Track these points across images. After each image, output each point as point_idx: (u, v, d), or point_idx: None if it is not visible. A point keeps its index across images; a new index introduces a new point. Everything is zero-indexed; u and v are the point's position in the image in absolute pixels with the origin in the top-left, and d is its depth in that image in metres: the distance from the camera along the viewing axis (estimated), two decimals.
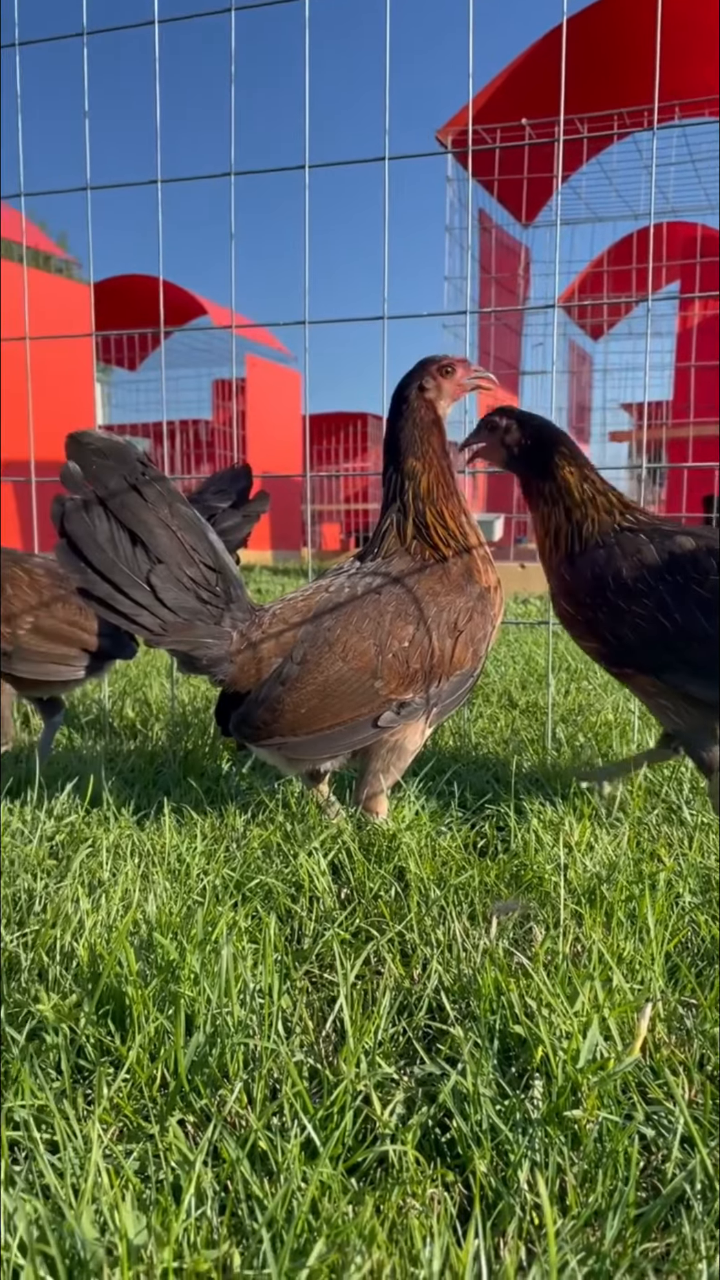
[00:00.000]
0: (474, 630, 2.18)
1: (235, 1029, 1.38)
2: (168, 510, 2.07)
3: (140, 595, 2.06)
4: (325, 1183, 1.09)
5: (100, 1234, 1.02)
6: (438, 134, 8.03)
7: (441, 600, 2.17)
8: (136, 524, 2.04)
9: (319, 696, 2.12)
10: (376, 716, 2.15)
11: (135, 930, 1.69)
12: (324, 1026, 1.48)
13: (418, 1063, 1.37)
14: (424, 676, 2.15)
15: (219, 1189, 1.13)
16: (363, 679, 2.12)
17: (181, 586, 2.09)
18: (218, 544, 2.16)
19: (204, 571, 2.12)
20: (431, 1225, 1.05)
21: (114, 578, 2.04)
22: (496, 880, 1.97)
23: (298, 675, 2.13)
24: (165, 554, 2.07)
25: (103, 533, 2.03)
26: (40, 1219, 1.00)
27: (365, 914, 1.84)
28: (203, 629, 2.13)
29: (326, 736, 2.16)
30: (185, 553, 2.09)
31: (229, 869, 2.00)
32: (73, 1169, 1.11)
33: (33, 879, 1.97)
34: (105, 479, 2.03)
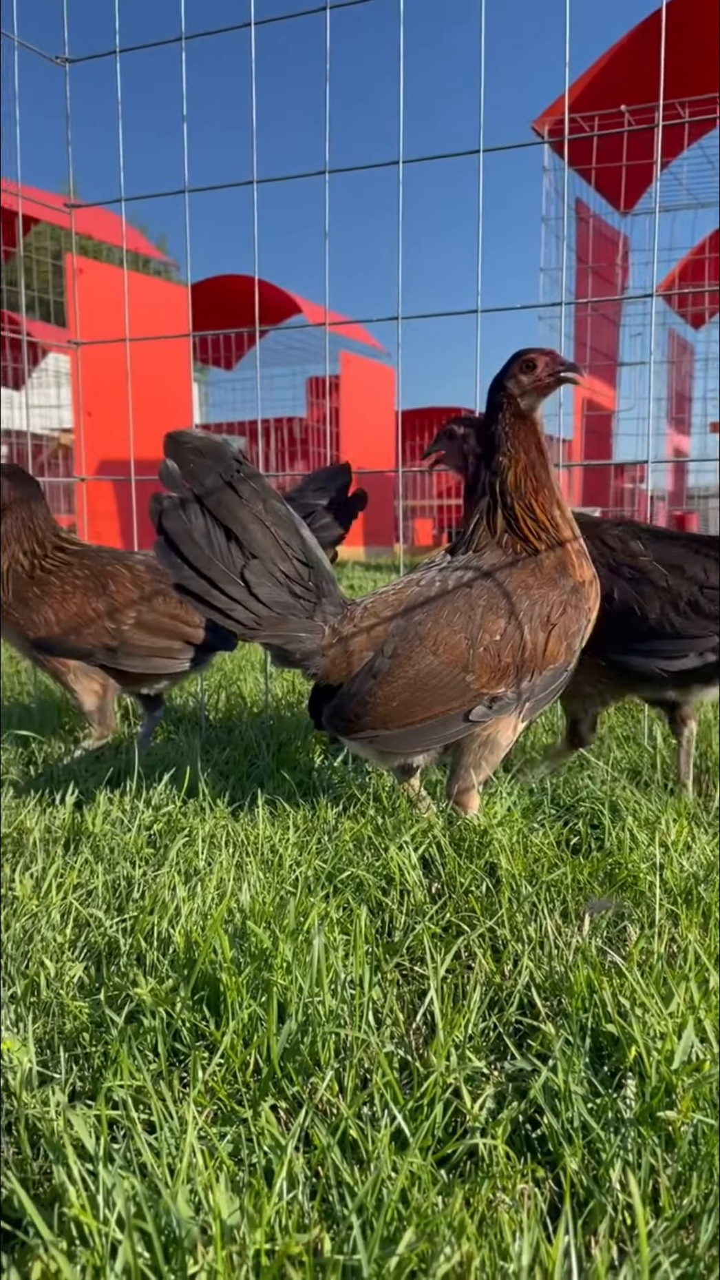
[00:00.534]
0: (567, 624, 2.15)
1: (326, 1018, 1.39)
2: (262, 506, 2.10)
3: (234, 590, 2.09)
4: (415, 1173, 1.10)
5: (195, 1213, 1.04)
6: (534, 124, 7.94)
7: (534, 594, 2.14)
8: (231, 520, 2.08)
9: (409, 690, 2.13)
10: (468, 711, 2.15)
11: (229, 918, 1.72)
12: (414, 1019, 1.49)
13: (508, 1058, 1.37)
14: (516, 670, 2.13)
15: (310, 1174, 1.14)
16: (453, 673, 2.12)
17: (275, 582, 2.12)
18: (311, 540, 2.18)
19: (297, 567, 2.15)
20: (521, 1220, 1.04)
21: (209, 573, 2.08)
22: (590, 878, 1.95)
23: (388, 669, 2.14)
24: (259, 550, 2.10)
25: (199, 529, 2.07)
26: (138, 1196, 1.03)
27: (456, 909, 1.84)
28: (295, 623, 2.16)
29: (417, 730, 2.16)
30: (279, 548, 2.12)
31: (321, 860, 2.02)
32: (169, 1149, 1.14)
33: (131, 867, 2.02)
34: (202, 477, 2.07)
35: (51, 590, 2.76)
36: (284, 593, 2.14)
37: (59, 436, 15.63)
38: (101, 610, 2.76)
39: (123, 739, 3.17)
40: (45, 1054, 1.38)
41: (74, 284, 4.46)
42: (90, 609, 2.76)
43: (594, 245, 9.64)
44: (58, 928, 1.74)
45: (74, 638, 2.75)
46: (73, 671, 2.81)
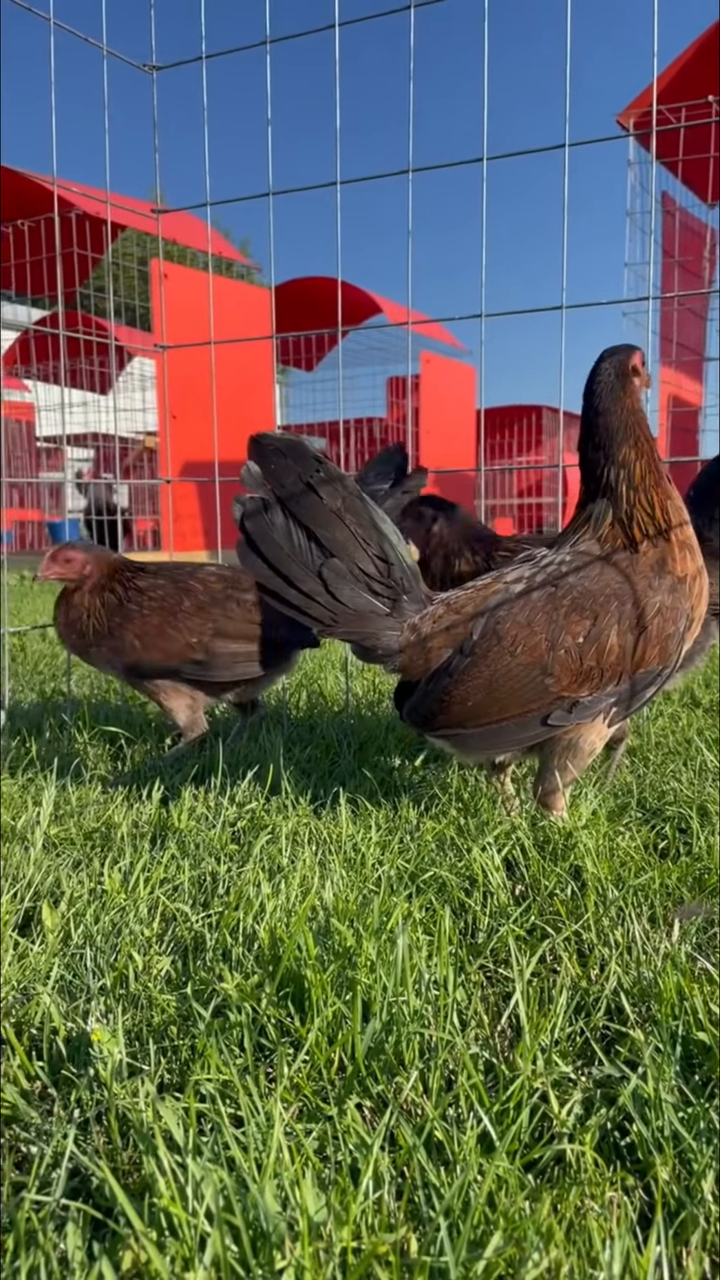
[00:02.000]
0: (662, 627, 2.07)
1: (411, 1018, 1.39)
2: (341, 504, 2.11)
3: (312, 587, 2.12)
4: (502, 1176, 1.09)
5: (282, 1209, 1.05)
6: (618, 118, 7.83)
7: (626, 593, 2.07)
8: (310, 520, 2.10)
9: (484, 691, 2.11)
10: (546, 714, 2.11)
11: (313, 916, 1.73)
12: (499, 1022, 1.47)
13: (596, 1064, 1.35)
14: (600, 675, 2.08)
15: (395, 1174, 1.14)
16: (531, 675, 2.08)
17: (354, 579, 2.14)
18: (393, 536, 2.18)
19: (377, 564, 2.16)
20: (611, 1228, 1.03)
21: (287, 572, 2.11)
22: (678, 883, 1.91)
23: (464, 668, 2.13)
24: (338, 548, 2.11)
25: (279, 529, 2.10)
26: (226, 1189, 1.04)
27: (540, 912, 1.82)
28: (374, 620, 2.17)
29: (494, 731, 2.15)
30: (358, 546, 2.13)
31: (403, 860, 2.02)
32: (255, 1144, 1.15)
33: (216, 863, 2.04)
34: (282, 477, 2.10)
35: (132, 616, 2.81)
36: (362, 590, 2.15)
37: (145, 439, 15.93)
38: (182, 626, 2.81)
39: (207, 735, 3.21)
40: (134, 1045, 1.40)
41: (160, 289, 4.54)
42: (171, 627, 2.81)
43: (680, 239, 9.45)
44: (145, 921, 1.77)
45: (161, 657, 2.81)
46: (163, 690, 2.87)
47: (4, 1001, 1.50)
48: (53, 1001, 1.45)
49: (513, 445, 17.83)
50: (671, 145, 8.34)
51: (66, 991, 1.55)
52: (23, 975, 1.57)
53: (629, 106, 7.84)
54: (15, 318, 17.35)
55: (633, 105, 7.79)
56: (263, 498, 2.11)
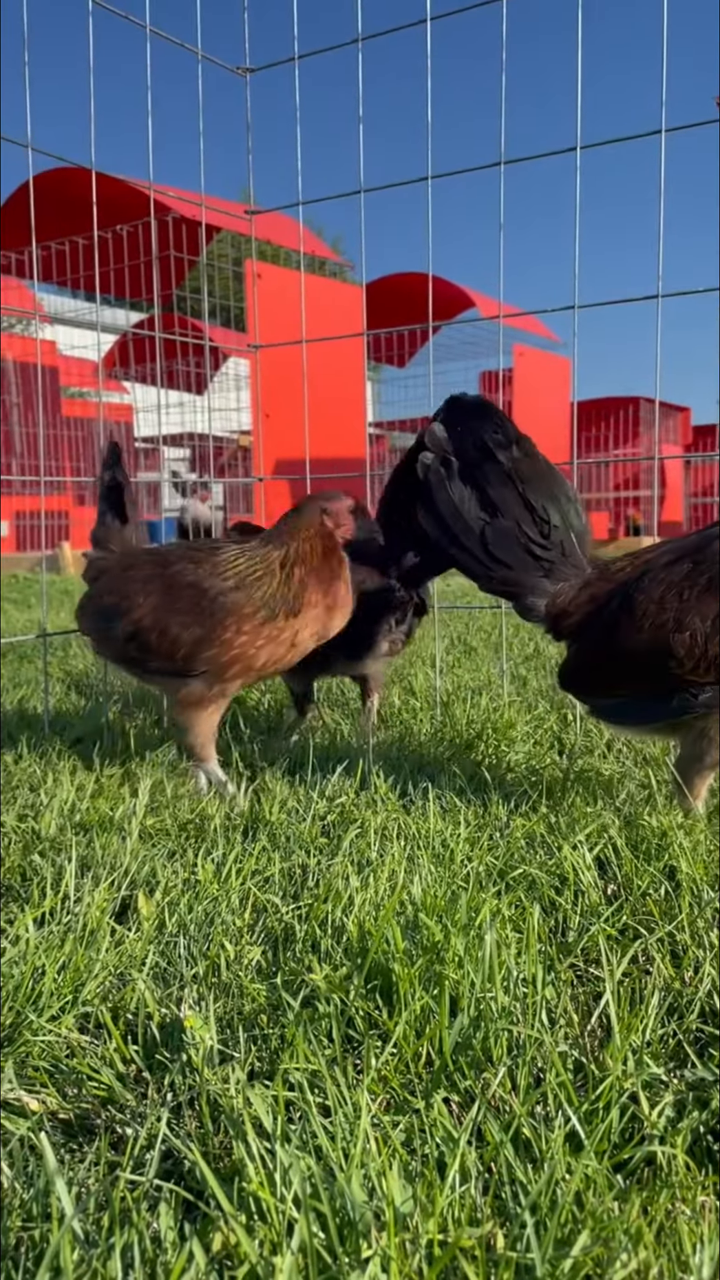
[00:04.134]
0: None
1: (499, 1014, 1.39)
2: (514, 467, 2.24)
3: (472, 543, 2.26)
4: (590, 1176, 1.08)
5: (368, 1198, 1.06)
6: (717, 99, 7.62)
7: None
8: (484, 480, 2.25)
9: (610, 665, 2.13)
10: (670, 697, 2.06)
11: (401, 910, 1.73)
12: (589, 1021, 1.46)
13: (688, 1066, 1.32)
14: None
15: (482, 1169, 1.14)
16: (656, 655, 2.02)
17: (514, 539, 2.24)
18: (567, 504, 2.27)
19: (540, 526, 2.24)
20: (702, 1232, 1.01)
21: (455, 528, 2.28)
22: None
23: (593, 639, 2.15)
24: (505, 508, 2.24)
25: (454, 488, 2.27)
26: (313, 1177, 1.06)
27: (633, 911, 1.79)
28: (529, 580, 2.26)
29: (620, 705, 2.18)
30: (524, 508, 2.24)
31: (492, 857, 2.01)
32: (343, 1133, 1.16)
33: (306, 855, 2.07)
34: (465, 439, 2.27)
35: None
36: (520, 550, 2.24)
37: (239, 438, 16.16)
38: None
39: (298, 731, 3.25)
40: (225, 1033, 1.43)
41: (254, 289, 4.60)
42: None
43: None
44: (237, 912, 1.81)
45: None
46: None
47: (101, 986, 1.55)
48: (148, 988, 1.49)
49: (609, 438, 17.54)
50: None
51: (161, 978, 1.58)
52: (119, 962, 1.62)
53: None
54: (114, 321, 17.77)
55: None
56: (442, 457, 2.28)
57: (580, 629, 2.22)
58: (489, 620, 6.02)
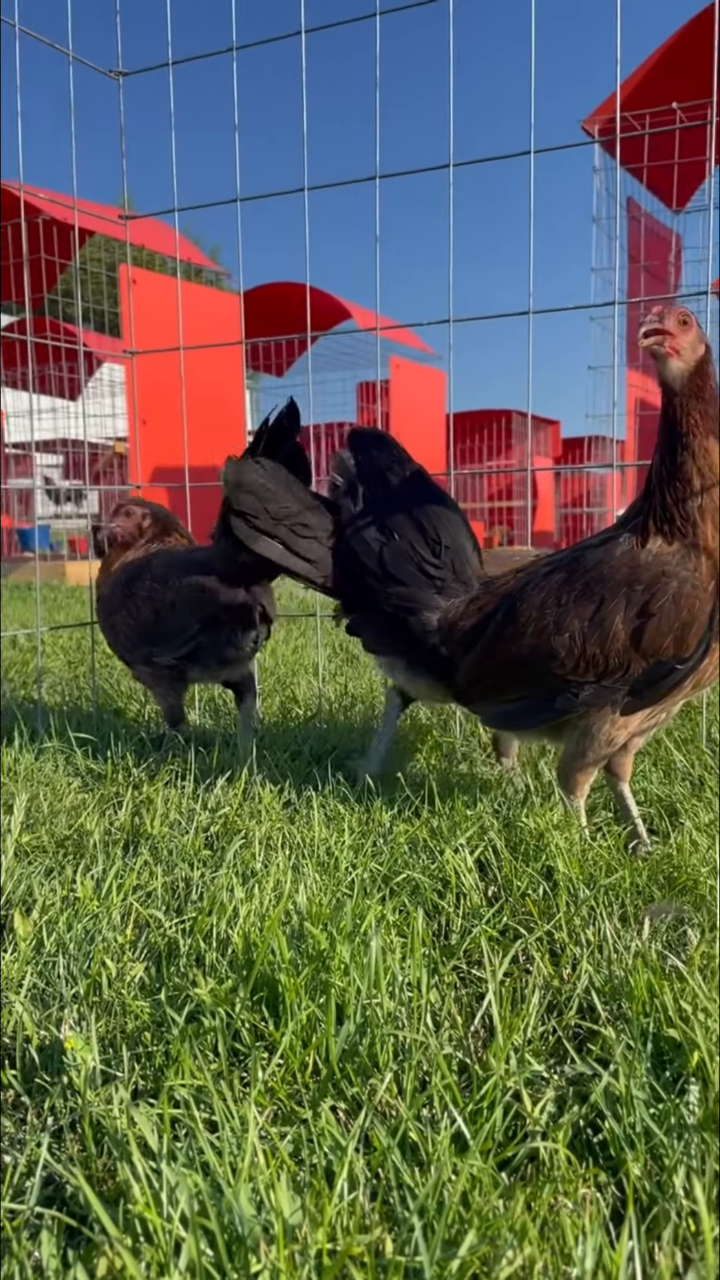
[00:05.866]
0: (676, 615, 2.00)
1: (385, 1020, 1.40)
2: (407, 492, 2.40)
3: (372, 565, 2.39)
4: (476, 1175, 1.10)
5: (257, 1212, 1.05)
6: (583, 124, 7.89)
7: (643, 578, 2.02)
8: (382, 504, 2.40)
9: (498, 672, 2.22)
10: (554, 698, 2.14)
11: (287, 920, 1.73)
12: (472, 1022, 1.48)
13: (568, 1062, 1.36)
14: (604, 661, 2.06)
15: (370, 1176, 1.14)
16: (539, 658, 2.12)
17: (409, 559, 2.36)
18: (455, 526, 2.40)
19: (432, 546, 2.36)
20: (584, 1224, 1.04)
21: (355, 547, 2.40)
22: (649, 882, 1.93)
23: (481, 649, 2.25)
24: (400, 530, 2.37)
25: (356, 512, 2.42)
26: (201, 1194, 1.04)
27: (513, 912, 1.83)
28: (423, 596, 2.36)
29: (509, 710, 2.27)
30: (418, 530, 2.36)
31: (376, 863, 2.02)
32: (230, 1148, 1.15)
33: (189, 868, 2.04)
34: (367, 466, 2.44)
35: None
36: (414, 569, 2.36)
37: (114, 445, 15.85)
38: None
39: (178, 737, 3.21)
40: (108, 1053, 1.39)
41: (129, 295, 4.53)
42: None
43: (646, 244, 9.54)
44: (118, 928, 1.77)
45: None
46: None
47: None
48: (25, 1010, 1.44)
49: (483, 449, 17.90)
50: (636, 152, 8.41)
51: (40, 1000, 1.54)
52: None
53: (594, 113, 7.90)
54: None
55: (598, 112, 7.86)
56: (349, 482, 2.44)
57: (470, 640, 2.30)
58: None
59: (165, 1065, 1.35)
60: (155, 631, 2.91)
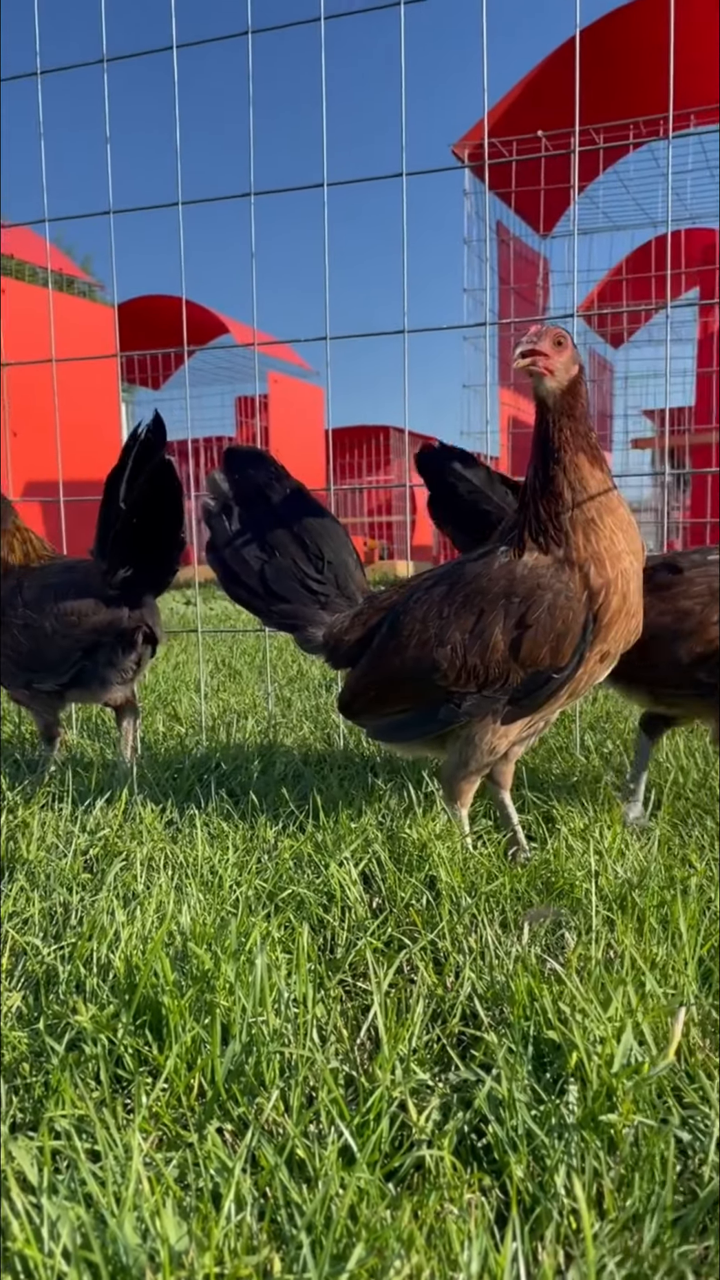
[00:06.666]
0: (552, 626, 2.04)
1: (271, 1038, 1.39)
2: (288, 509, 2.40)
3: (254, 583, 2.40)
4: (363, 1188, 1.10)
5: (142, 1241, 1.03)
6: (453, 148, 8.07)
7: (519, 590, 2.06)
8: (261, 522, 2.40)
9: (382, 684, 2.25)
10: (437, 709, 2.17)
11: (170, 942, 1.70)
12: (358, 1034, 1.49)
13: (452, 1069, 1.38)
14: (484, 671, 2.10)
15: (258, 1195, 1.14)
16: (422, 669, 2.16)
17: (291, 576, 2.39)
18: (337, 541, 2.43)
19: (315, 563, 2.39)
20: (469, 1229, 1.05)
21: (237, 568, 2.41)
22: (528, 887, 1.97)
23: (365, 663, 2.28)
24: (281, 547, 2.38)
25: (234, 530, 2.41)
26: (84, 1226, 1.02)
27: (397, 923, 1.85)
28: (307, 613, 2.39)
29: (394, 723, 2.28)
30: (299, 546, 2.39)
31: (261, 880, 2.01)
32: (114, 1177, 1.13)
33: (68, 893, 1.99)
34: (243, 485, 2.43)
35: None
36: (297, 585, 2.39)
37: None
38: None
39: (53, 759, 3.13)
40: None
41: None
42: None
43: (515, 267, 9.81)
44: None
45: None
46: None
47: None
48: None
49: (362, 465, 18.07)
50: (504, 177, 8.65)
51: None
52: None
53: (463, 137, 8.09)
54: None
55: (467, 137, 8.05)
56: (223, 503, 2.43)
57: (355, 655, 2.34)
58: (253, 643, 6.04)
59: (45, 1096, 1.31)
60: (35, 661, 2.82)
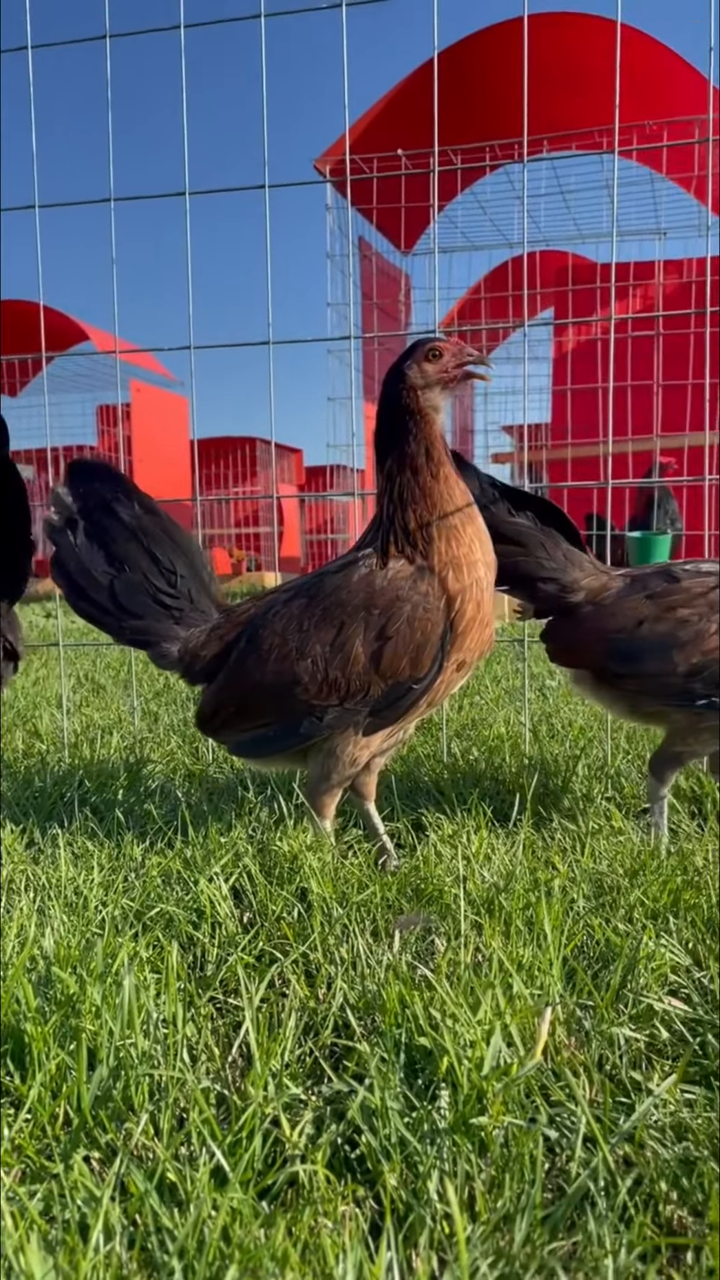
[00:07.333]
0: (411, 637, 2.06)
1: (139, 1060, 1.36)
2: (138, 524, 2.34)
3: (103, 598, 2.33)
4: (236, 1208, 1.09)
5: (5, 1278, 0.99)
6: (315, 163, 8.14)
7: (379, 602, 2.07)
8: (108, 536, 2.34)
9: (242, 699, 2.21)
10: (299, 723, 2.15)
11: (33, 966, 1.65)
12: (230, 1052, 1.47)
13: (325, 1081, 1.38)
14: (345, 684, 2.10)
15: (127, 1223, 1.11)
16: (283, 683, 2.13)
17: (143, 591, 2.33)
18: (190, 555, 2.38)
19: (167, 577, 2.34)
20: (344, 1242, 1.05)
21: (84, 583, 2.34)
22: (398, 895, 1.99)
23: (224, 678, 2.24)
24: (130, 562, 2.33)
25: (80, 546, 2.34)
26: None
27: (269, 937, 1.83)
28: (160, 628, 2.33)
29: (256, 738, 2.25)
30: (150, 560, 2.34)
31: (128, 899, 1.97)
32: None
33: None
34: (89, 499, 2.35)
35: None
36: (149, 600, 2.33)
37: None
38: None
39: None
40: None
41: None
42: None
43: (378, 282, 9.95)
44: None
45: None
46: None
47: None
48: None
49: (228, 476, 17.97)
50: (366, 193, 8.76)
51: None
52: None
53: (325, 153, 8.17)
54: None
55: (328, 152, 8.13)
56: (67, 517, 2.35)
57: (212, 670, 2.30)
58: (117, 657, 5.91)
59: None
60: None
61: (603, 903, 1.92)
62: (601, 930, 1.77)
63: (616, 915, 1.86)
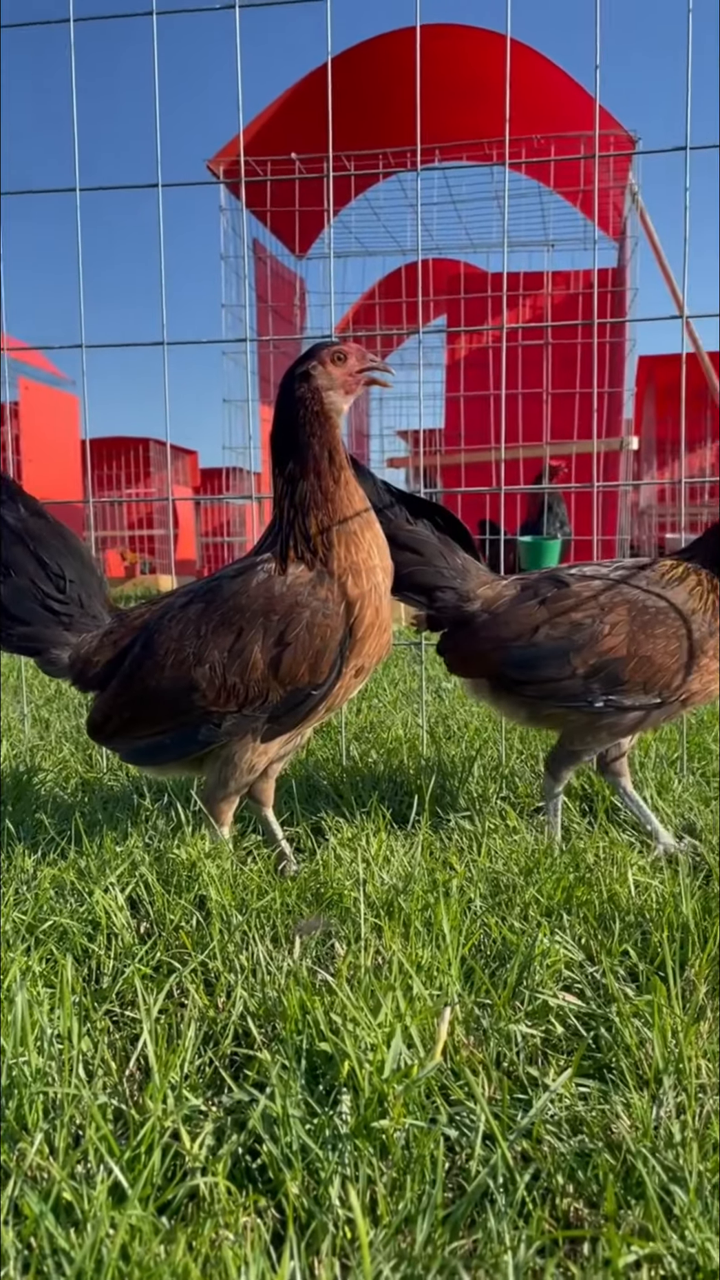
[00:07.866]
0: (310, 643, 2.05)
1: (33, 1078, 1.32)
2: (24, 527, 2.26)
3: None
4: (135, 1225, 1.07)
5: None
6: (209, 164, 8.07)
7: (277, 608, 2.05)
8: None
9: (137, 706, 2.16)
10: (196, 730, 2.12)
11: None
12: (128, 1065, 1.44)
13: (226, 1091, 1.36)
14: (244, 690, 2.08)
15: (22, 1247, 1.07)
16: (180, 689, 2.09)
17: (30, 597, 2.25)
18: (81, 558, 2.31)
19: (55, 582, 2.26)
20: (246, 1254, 1.04)
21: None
22: (298, 900, 1.98)
23: (118, 684, 2.18)
24: (16, 567, 2.24)
25: None
26: None
27: (166, 946, 1.81)
28: (49, 635, 2.26)
29: (151, 745, 2.19)
30: (39, 566, 2.26)
31: (19, 912, 1.91)
32: None
33: None
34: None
35: None
36: (37, 606, 2.25)
37: None
38: None
39: None
40: None
41: None
42: None
43: (273, 285, 9.92)
44: None
45: None
46: None
47: None
48: None
49: (121, 477, 17.67)
50: (260, 196, 8.73)
51: None
52: None
53: (218, 154, 8.09)
54: None
55: (222, 153, 8.06)
56: None
57: (105, 677, 2.24)
58: (6, 663, 5.75)
59: None
60: None
61: (499, 901, 1.95)
62: (498, 929, 1.79)
63: (512, 913, 1.89)
